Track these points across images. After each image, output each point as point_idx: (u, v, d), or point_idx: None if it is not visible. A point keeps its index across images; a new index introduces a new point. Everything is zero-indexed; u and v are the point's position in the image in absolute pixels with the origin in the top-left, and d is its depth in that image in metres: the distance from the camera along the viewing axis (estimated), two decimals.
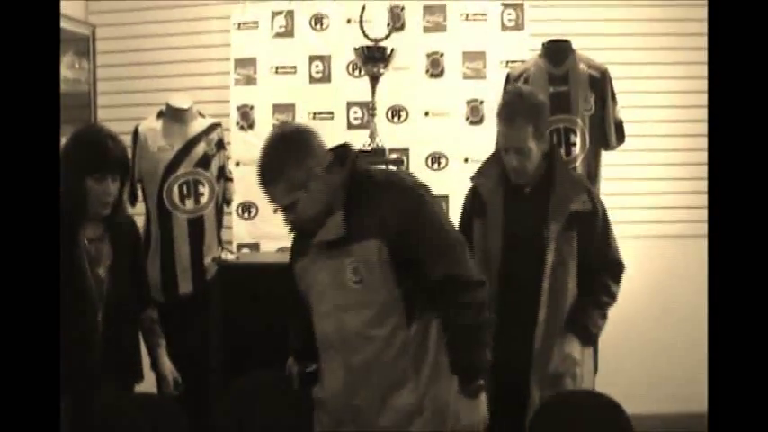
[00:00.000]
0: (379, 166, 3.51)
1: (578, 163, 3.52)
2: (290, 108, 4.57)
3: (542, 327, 2.75)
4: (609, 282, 2.82)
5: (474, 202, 2.94)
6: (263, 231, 4.52)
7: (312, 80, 4.58)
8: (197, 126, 3.67)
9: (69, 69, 4.35)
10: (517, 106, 2.72)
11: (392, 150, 4.26)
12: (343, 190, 2.31)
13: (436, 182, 4.44)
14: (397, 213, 2.25)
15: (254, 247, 4.49)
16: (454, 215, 4.39)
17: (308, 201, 2.25)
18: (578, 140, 3.53)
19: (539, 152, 2.75)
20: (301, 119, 4.51)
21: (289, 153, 2.25)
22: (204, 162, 3.63)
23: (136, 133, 3.62)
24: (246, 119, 4.57)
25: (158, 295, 3.58)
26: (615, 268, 2.85)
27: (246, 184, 4.51)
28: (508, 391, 2.79)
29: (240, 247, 4.48)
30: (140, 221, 3.68)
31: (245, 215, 4.58)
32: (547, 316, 2.75)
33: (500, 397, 2.79)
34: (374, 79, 3.50)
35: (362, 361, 2.30)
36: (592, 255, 2.79)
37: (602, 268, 2.82)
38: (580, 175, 2.95)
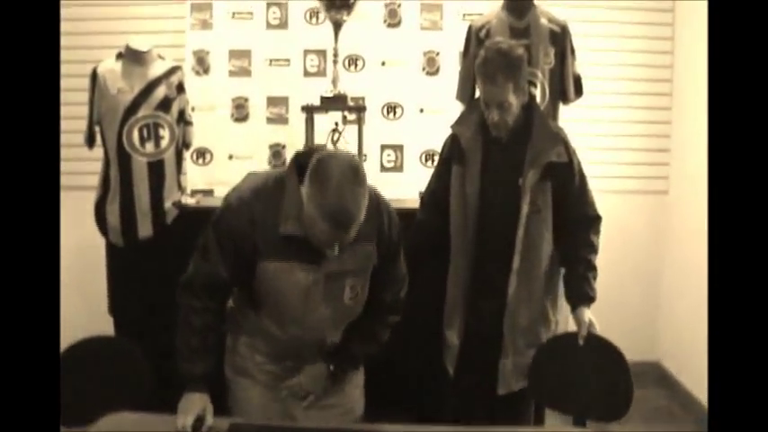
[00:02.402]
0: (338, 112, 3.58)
1: None
2: (246, 54, 4.52)
3: (515, 275, 2.85)
4: (591, 237, 2.91)
5: (453, 149, 2.99)
6: (217, 178, 4.50)
7: (269, 26, 4.52)
8: (157, 68, 3.63)
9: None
10: (497, 63, 2.74)
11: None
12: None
13: (391, 131, 4.55)
14: (389, 228, 2.42)
15: (209, 193, 4.45)
16: (408, 165, 4.52)
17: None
18: (538, 93, 3.59)
19: (518, 105, 2.80)
20: (258, 65, 4.50)
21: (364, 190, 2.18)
22: (165, 105, 3.59)
23: (94, 75, 3.56)
24: (202, 64, 4.51)
25: (118, 239, 3.57)
26: (595, 222, 2.94)
27: (201, 129, 4.49)
28: (481, 336, 2.93)
29: (194, 192, 4.45)
30: (98, 166, 3.67)
31: (200, 161, 4.54)
32: (520, 265, 2.84)
33: (473, 342, 2.95)
34: (337, 26, 3.53)
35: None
36: (569, 208, 2.88)
37: (582, 223, 2.92)
38: (557, 128, 2.99)
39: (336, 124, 3.62)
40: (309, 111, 3.57)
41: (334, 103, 3.53)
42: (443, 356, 3.03)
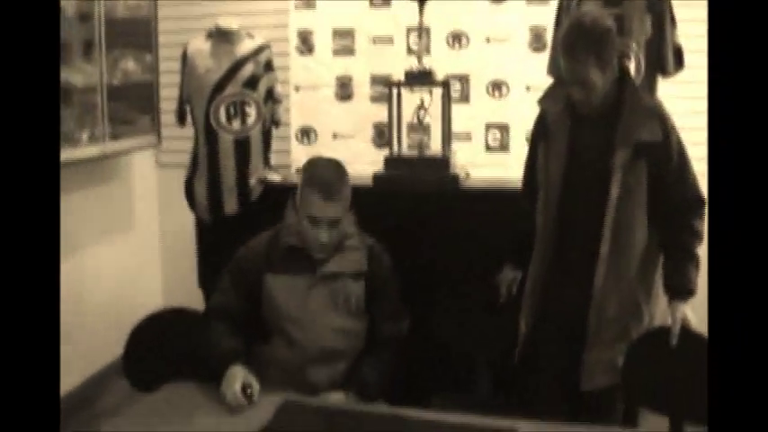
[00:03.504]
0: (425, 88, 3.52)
1: None
2: (349, 33, 4.52)
3: (605, 263, 2.62)
4: (693, 221, 2.65)
5: (540, 125, 2.85)
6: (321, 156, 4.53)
7: (372, 5, 4.49)
8: (245, 47, 3.69)
9: None
10: (578, 36, 2.53)
11: (452, 77, 4.20)
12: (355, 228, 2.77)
13: (497, 110, 4.43)
14: (380, 264, 2.74)
15: None
16: (513, 145, 4.39)
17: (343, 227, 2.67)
18: (632, 66, 3.33)
19: (605, 82, 2.58)
20: (361, 44, 4.48)
21: (345, 177, 2.67)
22: (251, 83, 3.65)
23: (185, 55, 3.66)
24: (306, 43, 4.55)
25: (205, 215, 3.67)
26: (696, 204, 2.66)
27: (305, 108, 4.56)
28: (561, 327, 2.75)
29: (299, 171, 4.52)
30: (189, 144, 3.78)
31: (304, 140, 4.59)
32: (610, 251, 2.62)
33: (550, 332, 2.78)
34: (421, 2, 3.46)
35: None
36: (667, 191, 2.63)
37: (682, 207, 2.66)
38: (653, 102, 2.76)
39: (422, 101, 3.57)
40: (393, 87, 3.53)
41: (418, 79, 3.48)
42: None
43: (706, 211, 2.64)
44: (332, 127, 4.59)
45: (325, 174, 2.63)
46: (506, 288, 2.95)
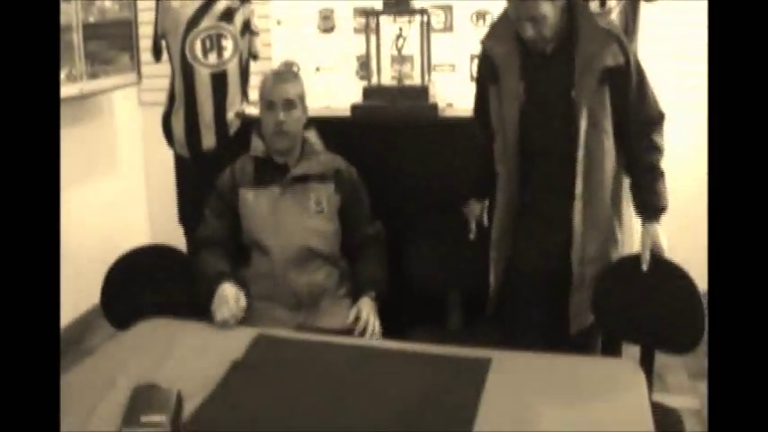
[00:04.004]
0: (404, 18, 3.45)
1: (614, 15, 3.25)
2: None
3: (580, 200, 2.57)
4: (654, 138, 2.60)
5: (486, 67, 2.72)
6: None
7: None
8: None
9: None
10: None
11: (435, 7, 4.15)
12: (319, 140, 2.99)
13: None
14: (348, 174, 2.94)
15: None
16: None
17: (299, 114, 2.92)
18: None
19: (556, 12, 2.47)
20: None
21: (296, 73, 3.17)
22: (227, 16, 3.55)
23: None
24: None
25: (183, 150, 3.63)
26: (658, 121, 2.61)
27: (288, 42, 4.51)
28: (547, 272, 2.70)
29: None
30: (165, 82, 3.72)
31: None
32: (584, 187, 2.56)
33: (538, 279, 2.71)
34: None
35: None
36: (629, 112, 2.56)
37: (645, 125, 2.59)
38: (609, 23, 2.67)
39: (401, 30, 3.50)
40: (370, 15, 3.46)
41: (396, 8, 3.40)
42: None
43: (665, 125, 2.62)
44: (315, 60, 4.55)
45: (277, 70, 3.10)
46: (475, 221, 2.91)
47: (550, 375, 2.20)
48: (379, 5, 3.92)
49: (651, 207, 2.60)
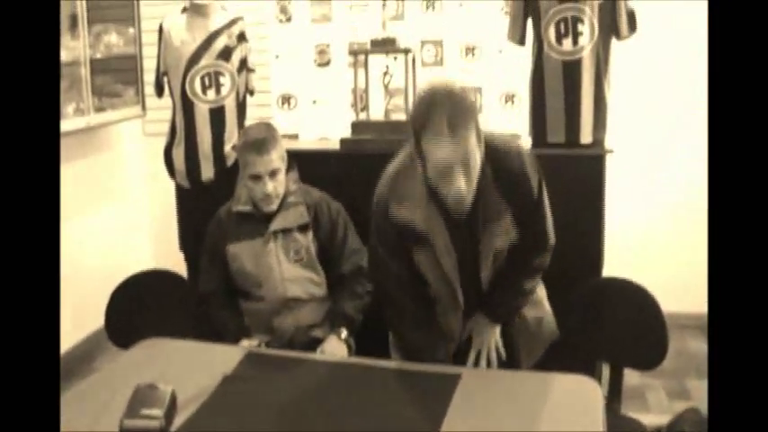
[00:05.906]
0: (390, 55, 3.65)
1: (586, 53, 3.45)
2: (326, 1, 4.67)
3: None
4: (535, 261, 2.56)
5: (408, 233, 2.46)
6: (301, 122, 4.72)
7: None
8: (219, 19, 3.81)
9: None
10: (445, 113, 2.15)
11: (427, 42, 4.35)
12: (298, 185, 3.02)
13: (470, 72, 4.55)
14: (327, 214, 2.98)
15: (294, 137, 4.64)
16: (486, 106, 4.52)
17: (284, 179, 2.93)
18: (586, 29, 3.42)
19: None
20: (338, 11, 4.67)
21: (275, 134, 2.95)
22: (225, 54, 3.78)
23: (161, 29, 3.80)
24: (285, 12, 4.69)
25: (184, 181, 3.83)
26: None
27: (286, 76, 4.71)
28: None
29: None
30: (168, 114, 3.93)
31: (285, 106, 4.75)
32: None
33: None
34: None
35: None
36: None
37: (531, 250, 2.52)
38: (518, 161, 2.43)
39: (387, 67, 3.70)
40: (357, 54, 3.65)
41: (382, 46, 3.59)
42: None
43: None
44: (311, 93, 4.74)
45: (256, 134, 2.88)
46: None
47: (514, 391, 2.36)
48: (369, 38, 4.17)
49: (502, 314, 2.63)
